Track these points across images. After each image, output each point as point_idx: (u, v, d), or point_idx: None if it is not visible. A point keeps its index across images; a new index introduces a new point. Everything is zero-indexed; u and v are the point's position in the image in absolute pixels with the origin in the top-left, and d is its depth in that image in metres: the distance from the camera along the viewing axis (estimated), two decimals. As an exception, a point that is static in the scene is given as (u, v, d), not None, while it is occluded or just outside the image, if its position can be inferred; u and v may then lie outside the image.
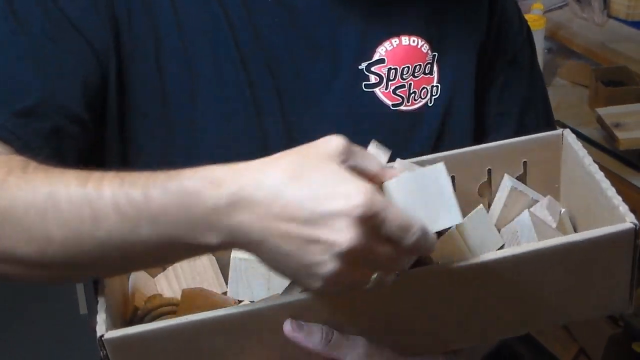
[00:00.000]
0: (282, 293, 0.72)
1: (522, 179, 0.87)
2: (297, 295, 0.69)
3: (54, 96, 0.78)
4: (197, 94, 0.86)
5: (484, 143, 0.89)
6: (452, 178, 0.86)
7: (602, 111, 1.75)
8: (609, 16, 2.13)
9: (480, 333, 0.76)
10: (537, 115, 1.02)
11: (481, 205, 0.83)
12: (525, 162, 0.87)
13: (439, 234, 0.76)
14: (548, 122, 1.04)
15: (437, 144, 0.94)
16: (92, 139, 0.83)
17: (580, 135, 1.76)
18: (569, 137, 0.85)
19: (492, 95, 0.99)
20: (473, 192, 0.87)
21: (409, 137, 0.93)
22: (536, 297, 0.74)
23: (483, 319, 0.74)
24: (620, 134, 1.67)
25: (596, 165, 0.80)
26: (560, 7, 2.21)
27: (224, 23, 0.87)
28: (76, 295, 2.63)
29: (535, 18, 1.95)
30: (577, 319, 0.79)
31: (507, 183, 0.85)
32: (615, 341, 1.75)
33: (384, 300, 0.70)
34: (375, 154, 0.68)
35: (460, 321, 0.74)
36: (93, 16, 0.82)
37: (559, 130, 0.87)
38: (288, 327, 0.69)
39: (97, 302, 0.72)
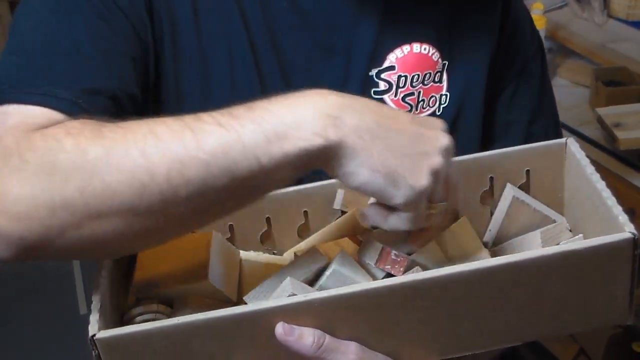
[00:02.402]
0: (274, 297, 0.72)
1: (524, 187, 0.87)
2: (290, 299, 0.69)
3: (115, 74, 0.78)
4: (210, 96, 0.86)
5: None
6: None
7: (602, 111, 1.75)
8: (609, 16, 2.13)
9: (475, 342, 0.75)
10: (545, 126, 1.02)
11: (464, 217, 0.83)
12: (528, 171, 0.86)
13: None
14: (556, 133, 1.04)
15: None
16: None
17: (580, 136, 1.76)
18: (572, 146, 0.85)
19: (500, 104, 0.99)
20: (475, 200, 0.87)
21: None
22: (533, 307, 0.73)
23: (477, 328, 0.74)
24: (620, 134, 1.67)
25: (598, 175, 0.80)
26: (561, 7, 2.21)
27: (240, 25, 0.87)
28: (76, 295, 2.63)
29: (535, 18, 1.94)
30: (575, 330, 0.78)
31: (509, 192, 0.85)
32: (615, 341, 1.75)
33: (379, 306, 0.70)
34: None
35: (454, 330, 0.74)
36: (133, 2, 0.82)
37: (563, 139, 0.86)
38: (280, 330, 0.69)
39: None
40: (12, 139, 0.66)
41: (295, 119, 0.66)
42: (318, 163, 0.67)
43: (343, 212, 0.86)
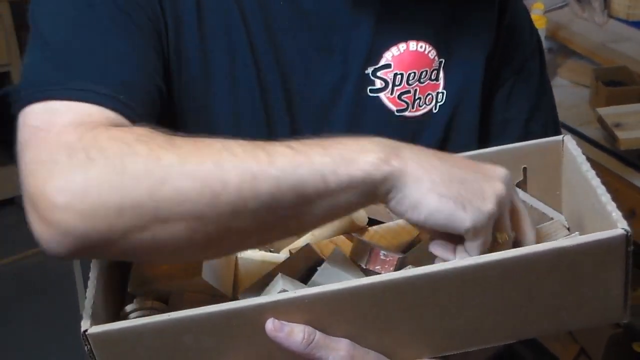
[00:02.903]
0: (265, 293, 0.72)
1: (521, 185, 0.87)
2: (281, 295, 0.69)
3: (146, 67, 0.79)
4: (211, 94, 0.87)
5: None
6: None
7: (602, 111, 1.75)
8: (610, 16, 2.13)
9: (468, 340, 0.75)
10: (544, 124, 1.01)
11: None
12: (525, 168, 0.86)
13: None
14: (555, 131, 1.03)
15: (441, 151, 0.94)
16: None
17: (580, 135, 1.76)
18: (569, 143, 0.85)
19: (498, 102, 0.99)
20: None
21: (412, 143, 0.92)
22: (527, 304, 0.73)
23: (470, 326, 0.74)
24: (620, 134, 1.67)
25: (593, 172, 0.79)
26: (561, 7, 2.21)
27: (240, 23, 0.87)
28: (76, 295, 2.63)
29: (535, 18, 1.95)
30: (570, 328, 0.78)
31: None
32: (615, 341, 1.75)
33: (370, 303, 0.70)
34: None
35: (447, 328, 0.73)
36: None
37: (559, 136, 0.86)
38: (270, 326, 0.69)
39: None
40: (74, 136, 0.67)
41: (361, 147, 0.69)
42: (383, 191, 0.68)
43: None
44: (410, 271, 0.70)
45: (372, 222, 0.87)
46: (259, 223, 0.68)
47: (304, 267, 0.77)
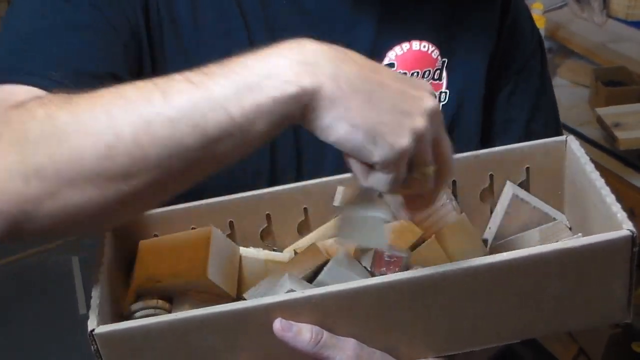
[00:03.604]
0: (272, 293, 0.72)
1: (524, 185, 0.87)
2: (288, 295, 0.70)
3: (105, 57, 0.79)
4: None
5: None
6: (454, 183, 0.86)
7: (602, 111, 1.75)
8: (609, 16, 2.13)
9: (473, 340, 0.75)
10: (544, 124, 1.02)
11: (463, 214, 0.83)
12: (528, 169, 0.86)
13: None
14: (556, 130, 1.04)
15: None
16: None
17: (579, 135, 1.76)
18: (573, 143, 0.85)
19: (500, 102, 0.99)
20: (475, 198, 0.87)
21: None
22: (531, 305, 0.73)
23: (475, 326, 0.74)
24: (620, 134, 1.67)
25: (597, 173, 0.80)
26: (560, 7, 2.21)
27: (240, 23, 0.87)
28: (76, 295, 2.63)
29: (535, 18, 1.94)
30: (574, 329, 0.78)
31: (509, 190, 0.85)
32: (615, 341, 1.75)
33: (376, 303, 0.70)
34: None
35: (451, 327, 0.74)
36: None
37: (563, 137, 0.86)
38: (277, 326, 0.69)
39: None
40: None
41: (268, 68, 0.63)
42: (294, 115, 0.63)
43: None
44: (415, 272, 0.70)
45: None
46: (170, 169, 0.63)
47: (309, 267, 0.77)
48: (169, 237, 0.83)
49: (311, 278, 0.77)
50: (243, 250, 0.84)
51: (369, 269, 0.77)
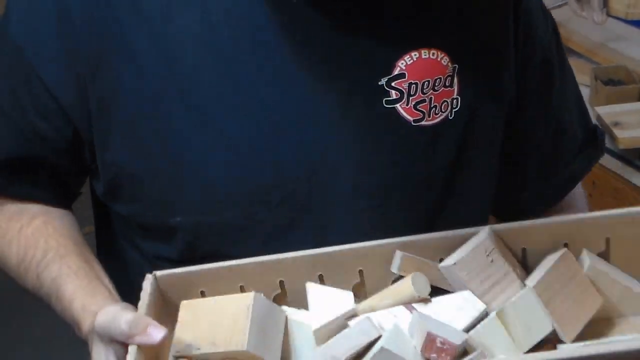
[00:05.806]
0: None
1: (604, 256, 0.83)
2: None
3: (27, 148, 0.93)
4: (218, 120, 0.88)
5: (519, 149, 0.89)
6: (523, 250, 0.82)
7: (601, 110, 1.75)
8: (609, 15, 2.12)
9: None
10: (571, 110, 1.04)
11: (528, 286, 0.77)
12: (608, 239, 0.82)
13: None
14: (581, 112, 1.06)
15: (460, 157, 0.93)
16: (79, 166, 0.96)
17: (579, 135, 1.76)
18: None
19: (528, 98, 0.99)
20: None
21: (430, 151, 0.92)
22: None
23: None
24: (619, 133, 1.67)
25: None
26: (560, 6, 2.21)
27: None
28: (76, 295, 2.63)
29: (534, 17, 1.95)
30: None
31: (585, 260, 0.81)
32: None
33: None
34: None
35: None
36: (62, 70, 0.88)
37: None
38: None
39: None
40: None
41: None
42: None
43: (400, 276, 0.82)
44: None
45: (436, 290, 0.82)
46: None
47: (360, 342, 0.74)
48: (210, 300, 0.81)
49: (361, 354, 0.73)
50: (292, 314, 0.82)
51: (419, 351, 0.72)
